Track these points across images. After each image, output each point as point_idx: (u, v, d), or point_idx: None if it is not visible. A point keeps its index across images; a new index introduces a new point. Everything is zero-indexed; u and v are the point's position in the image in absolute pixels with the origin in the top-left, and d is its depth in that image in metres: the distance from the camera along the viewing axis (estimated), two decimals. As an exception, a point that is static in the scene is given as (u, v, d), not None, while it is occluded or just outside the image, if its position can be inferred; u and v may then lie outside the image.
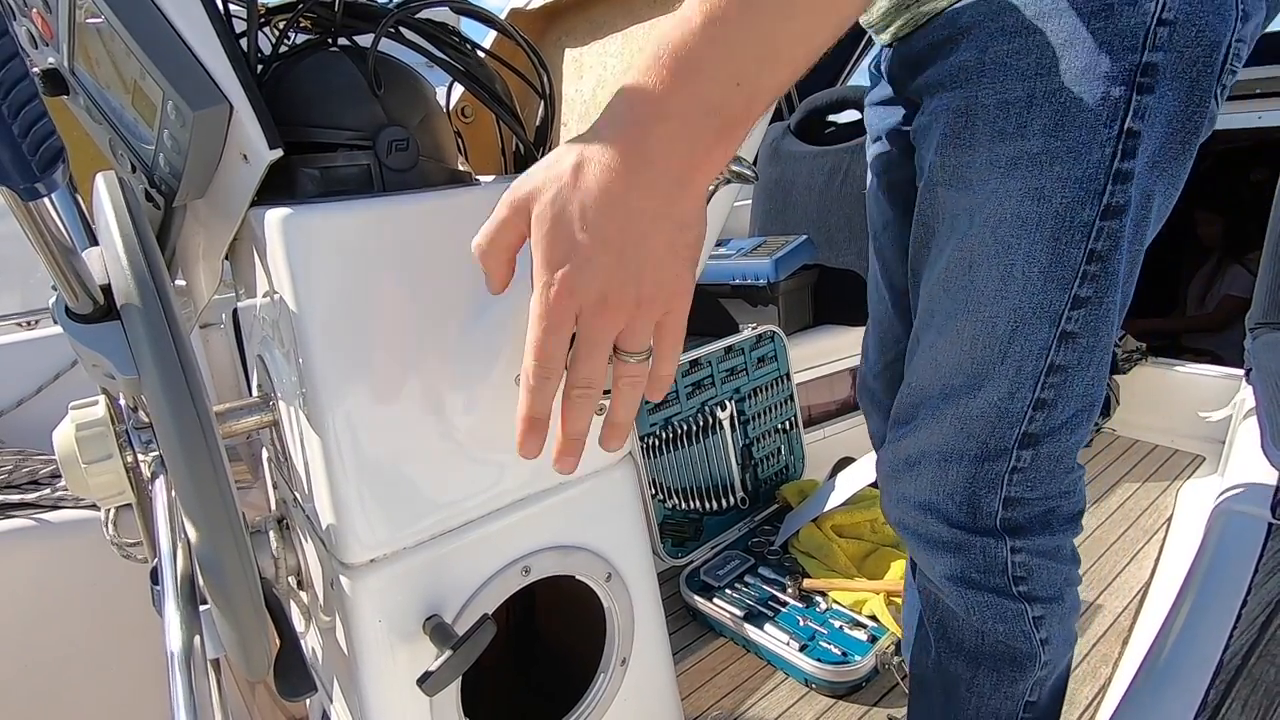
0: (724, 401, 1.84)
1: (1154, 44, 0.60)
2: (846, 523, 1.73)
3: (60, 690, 1.31)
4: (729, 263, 2.09)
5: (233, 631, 0.53)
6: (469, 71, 0.75)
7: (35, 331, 1.70)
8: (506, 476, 0.70)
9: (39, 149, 0.40)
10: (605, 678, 0.80)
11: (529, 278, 0.48)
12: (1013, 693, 0.83)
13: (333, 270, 0.58)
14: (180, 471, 0.49)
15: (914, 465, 0.78)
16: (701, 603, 1.61)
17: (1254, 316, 1.86)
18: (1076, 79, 0.61)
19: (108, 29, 0.55)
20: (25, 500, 1.30)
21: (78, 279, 0.51)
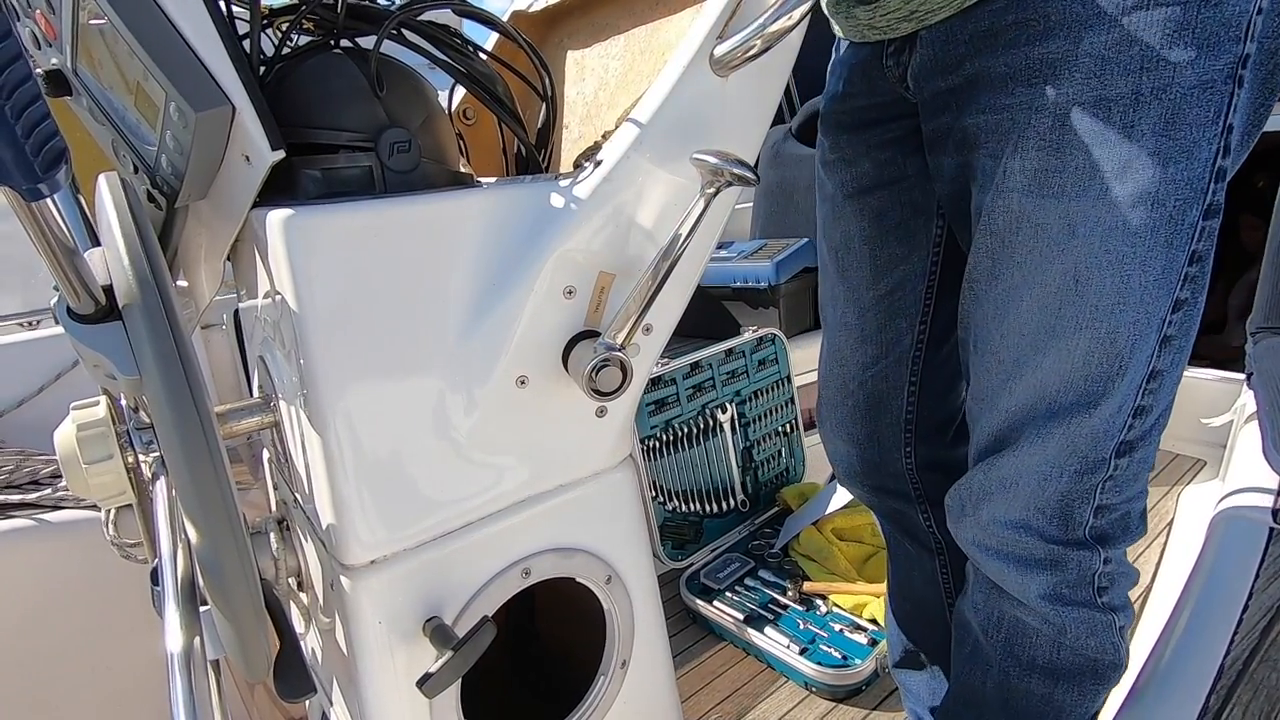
0: (725, 404, 1.84)
1: (1252, 34, 0.57)
2: (847, 526, 1.73)
3: (60, 690, 1.31)
4: (730, 265, 2.09)
5: (233, 632, 0.53)
6: (471, 73, 0.75)
7: (37, 331, 1.70)
8: (506, 478, 0.70)
9: (42, 150, 0.40)
10: (605, 680, 0.80)
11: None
12: (1092, 706, 0.82)
13: (334, 271, 0.58)
14: (181, 472, 0.49)
15: (1009, 487, 0.75)
16: (702, 605, 1.61)
17: (1255, 321, 1.86)
18: (1185, 72, 0.57)
19: (111, 30, 0.56)
20: (26, 500, 1.30)
21: (80, 279, 0.51)
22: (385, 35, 0.68)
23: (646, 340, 0.72)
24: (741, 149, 0.67)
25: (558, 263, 0.64)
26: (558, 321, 0.66)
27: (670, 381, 1.75)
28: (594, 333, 0.67)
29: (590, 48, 0.92)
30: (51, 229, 0.47)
